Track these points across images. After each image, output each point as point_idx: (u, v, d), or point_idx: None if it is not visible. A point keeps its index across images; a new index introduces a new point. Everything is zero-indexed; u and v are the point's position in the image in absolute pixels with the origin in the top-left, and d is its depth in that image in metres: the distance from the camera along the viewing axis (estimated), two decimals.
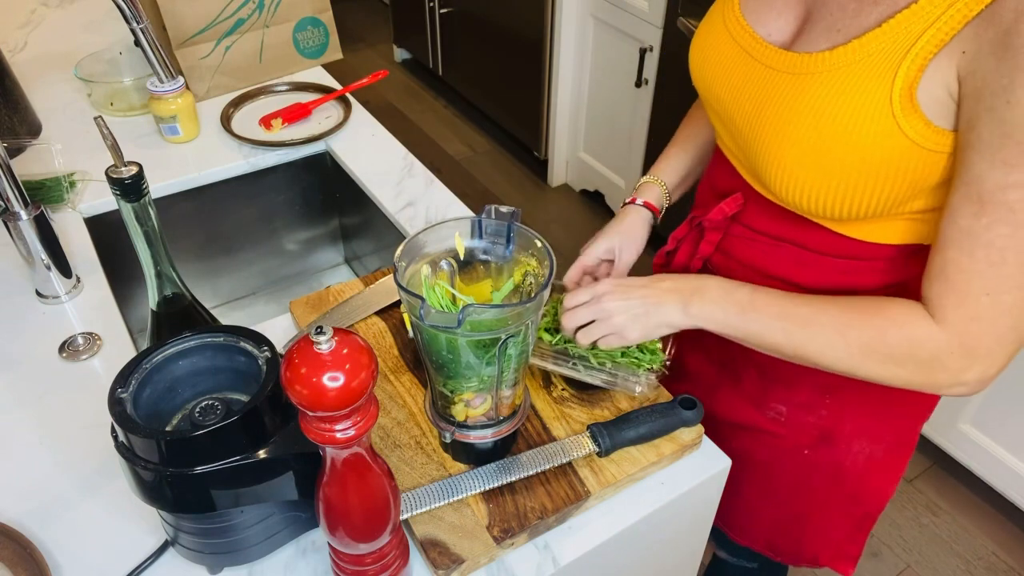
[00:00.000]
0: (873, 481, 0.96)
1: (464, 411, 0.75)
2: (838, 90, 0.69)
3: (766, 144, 0.75)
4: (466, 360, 0.69)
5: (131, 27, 1.17)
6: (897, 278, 0.81)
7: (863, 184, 0.71)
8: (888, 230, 0.77)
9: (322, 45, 1.51)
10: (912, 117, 0.66)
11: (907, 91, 0.66)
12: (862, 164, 0.69)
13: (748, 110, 0.77)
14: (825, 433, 0.91)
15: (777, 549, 1.05)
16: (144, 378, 0.66)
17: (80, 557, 0.73)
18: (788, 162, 0.73)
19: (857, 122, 0.68)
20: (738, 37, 0.79)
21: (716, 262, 0.91)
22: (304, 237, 1.45)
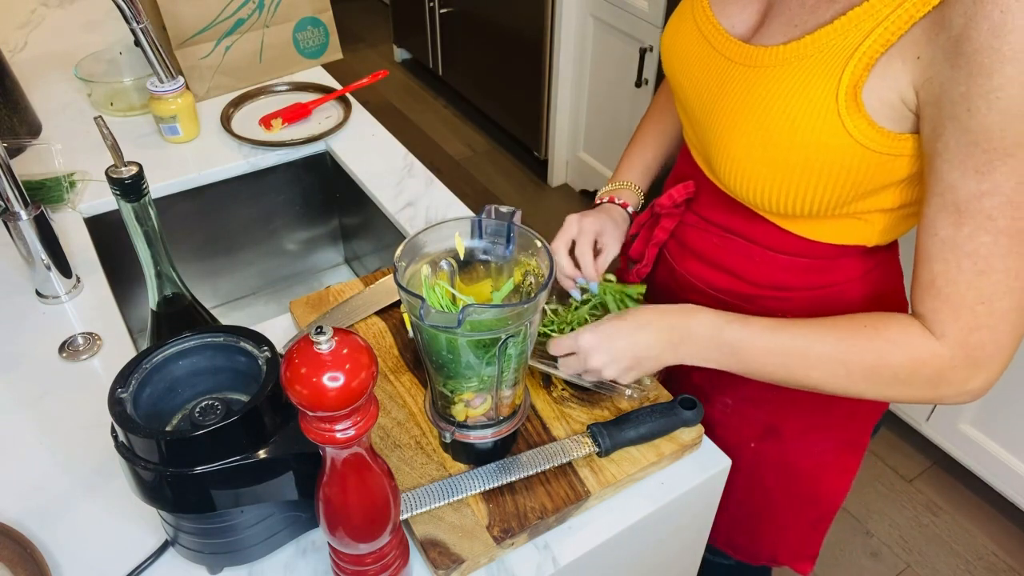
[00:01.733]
0: (825, 481, 0.97)
1: (464, 411, 0.75)
2: (787, 85, 0.69)
3: (719, 134, 0.76)
4: (466, 360, 0.69)
5: (131, 27, 1.17)
6: (841, 278, 0.82)
7: (807, 181, 0.71)
8: (834, 230, 0.78)
9: (322, 45, 1.51)
10: (856, 116, 0.66)
11: (852, 90, 0.66)
12: (806, 161, 0.70)
13: (705, 100, 0.78)
14: (770, 427, 0.92)
15: (736, 546, 1.06)
16: (144, 378, 0.66)
17: (80, 557, 0.73)
18: (737, 154, 0.74)
19: (803, 118, 0.68)
20: (703, 28, 0.80)
21: (670, 250, 0.93)
22: (304, 237, 1.45)
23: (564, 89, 2.62)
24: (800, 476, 0.96)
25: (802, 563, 1.05)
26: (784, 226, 0.80)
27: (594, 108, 2.59)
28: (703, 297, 0.90)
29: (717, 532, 1.04)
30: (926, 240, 0.67)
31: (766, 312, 0.79)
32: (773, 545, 1.04)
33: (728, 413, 0.94)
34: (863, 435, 0.96)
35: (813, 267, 0.82)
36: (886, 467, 1.97)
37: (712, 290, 0.89)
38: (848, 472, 0.98)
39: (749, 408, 0.93)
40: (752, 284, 0.86)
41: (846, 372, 0.71)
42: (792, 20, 0.72)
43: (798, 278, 0.83)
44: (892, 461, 1.98)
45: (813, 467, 0.95)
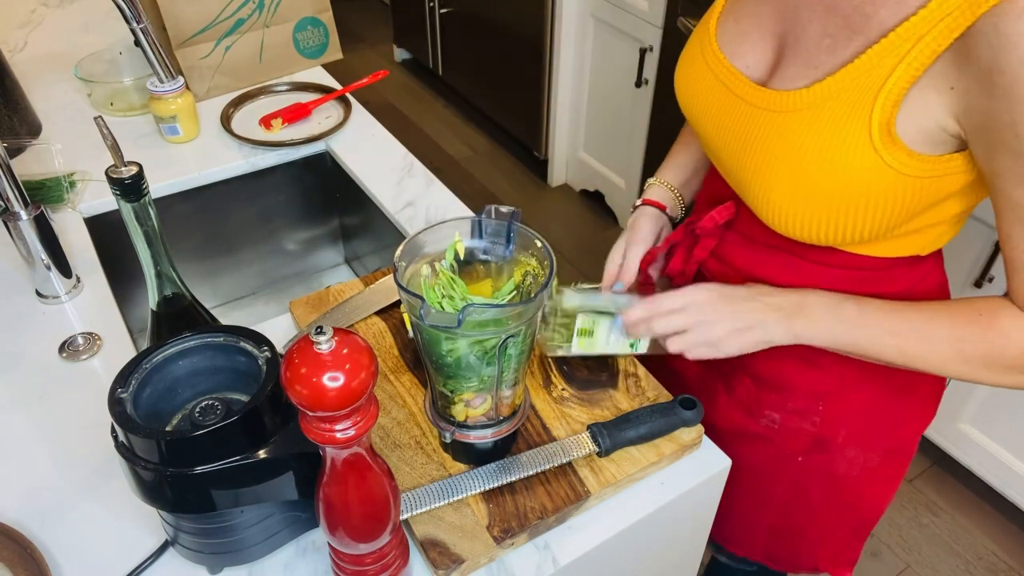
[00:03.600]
0: (870, 489, 0.96)
1: (464, 411, 0.75)
2: (818, 127, 0.69)
3: (753, 179, 0.75)
4: (466, 360, 0.69)
5: (131, 27, 1.17)
6: (893, 289, 0.81)
7: (853, 214, 0.71)
8: (884, 247, 0.78)
9: (322, 45, 1.51)
10: (893, 149, 0.66)
11: (885, 125, 0.66)
12: (849, 197, 0.70)
13: (733, 146, 0.77)
14: (818, 440, 0.91)
15: (776, 558, 1.04)
16: (144, 378, 0.66)
17: (80, 557, 0.73)
18: (775, 197, 0.74)
19: (839, 157, 0.68)
20: (716, 71, 0.79)
21: (711, 267, 0.91)
22: (304, 237, 1.45)
23: (564, 89, 2.62)
24: (846, 486, 0.95)
25: (842, 569, 1.04)
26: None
27: (594, 108, 2.59)
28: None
29: (754, 546, 1.04)
30: (1011, 253, 0.69)
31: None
32: (813, 553, 1.03)
33: (775, 430, 0.92)
34: (911, 443, 0.95)
35: (863, 279, 0.81)
36: None
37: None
38: (894, 479, 0.97)
39: (797, 421, 0.91)
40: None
41: (962, 360, 0.72)
42: (811, 61, 0.71)
43: (847, 288, 0.81)
44: None
45: (859, 476, 0.94)
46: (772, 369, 0.85)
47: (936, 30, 0.62)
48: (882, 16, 0.65)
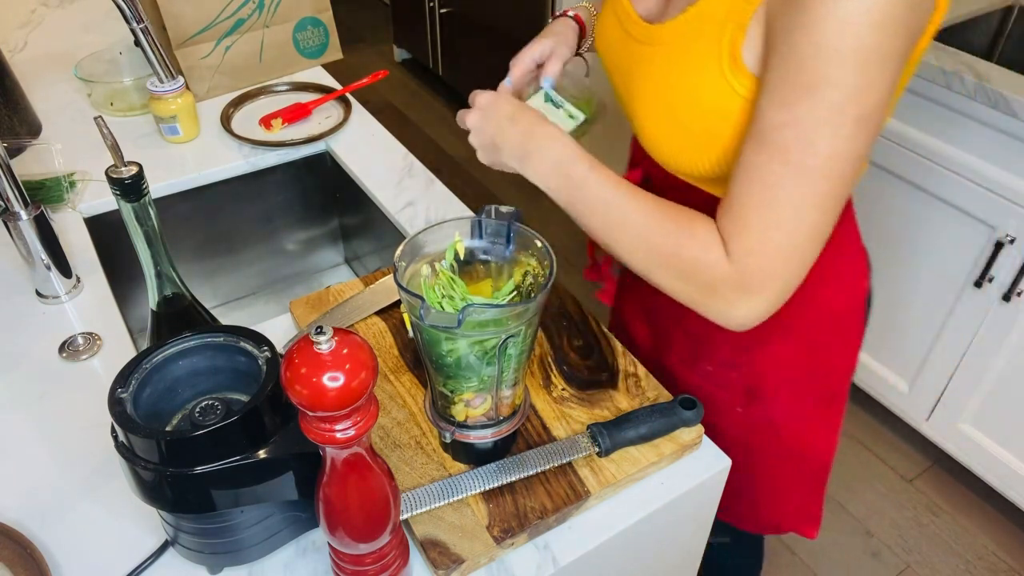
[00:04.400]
0: (811, 438, 1.00)
1: (464, 411, 0.75)
2: (676, 58, 0.74)
3: (636, 111, 0.81)
4: (466, 360, 0.69)
5: (131, 27, 1.17)
6: None
7: (713, 143, 0.74)
8: None
9: (322, 45, 1.51)
10: (741, 76, 0.69)
11: (732, 52, 0.69)
12: (706, 125, 0.73)
13: (623, 79, 0.83)
14: (751, 389, 0.94)
15: (739, 516, 1.08)
16: (144, 378, 0.66)
17: (80, 557, 0.73)
18: (649, 126, 0.79)
19: (696, 87, 0.72)
20: (619, 15, 0.84)
21: None
22: (304, 237, 1.45)
23: None
24: (787, 436, 0.98)
25: (806, 526, 1.07)
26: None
27: None
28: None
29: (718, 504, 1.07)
30: (736, 163, 0.70)
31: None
32: (773, 511, 1.07)
33: (710, 380, 0.96)
34: (841, 387, 0.99)
35: None
36: (886, 467, 1.97)
37: None
38: (833, 427, 1.01)
39: (728, 372, 0.95)
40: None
41: (646, 249, 0.74)
42: None
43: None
44: (892, 461, 1.98)
45: (798, 425, 0.98)
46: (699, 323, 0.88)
47: None
48: None
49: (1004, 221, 1.54)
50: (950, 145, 1.59)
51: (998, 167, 1.53)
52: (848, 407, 2.11)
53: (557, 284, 0.98)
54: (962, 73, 1.50)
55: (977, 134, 1.54)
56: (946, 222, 1.65)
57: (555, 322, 0.97)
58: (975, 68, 1.51)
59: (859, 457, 1.99)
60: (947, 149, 1.60)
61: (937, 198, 1.64)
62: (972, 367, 1.70)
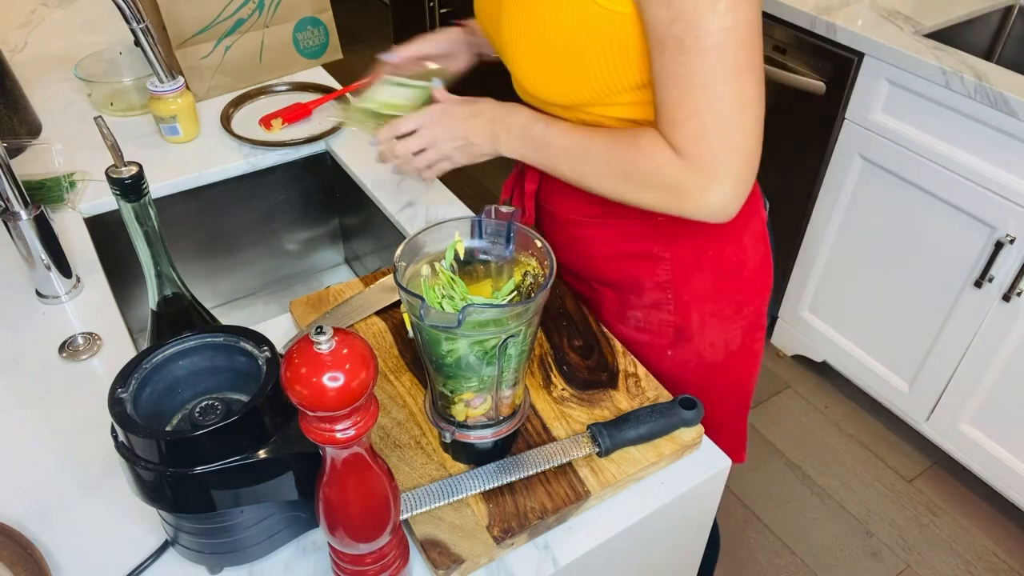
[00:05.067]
0: (738, 368, 1.05)
1: (464, 411, 0.75)
2: None
3: (507, 46, 0.85)
4: (466, 360, 0.69)
5: (131, 27, 1.17)
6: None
7: (586, 62, 0.79)
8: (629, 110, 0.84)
9: (322, 45, 1.51)
10: None
11: None
12: (575, 42, 0.77)
13: (494, 20, 0.87)
14: (678, 328, 0.99)
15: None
16: (144, 378, 0.66)
17: (80, 557, 0.73)
18: (522, 55, 0.83)
19: (561, 5, 0.77)
20: None
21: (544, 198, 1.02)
22: (304, 237, 1.45)
23: None
24: (716, 369, 1.03)
25: (737, 452, 1.13)
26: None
27: None
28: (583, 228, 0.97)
29: None
30: (652, 75, 0.76)
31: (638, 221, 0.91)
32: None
33: (641, 329, 0.99)
34: (760, 317, 1.04)
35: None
36: (886, 467, 1.97)
37: (587, 218, 0.96)
38: (756, 355, 1.07)
39: (656, 315, 0.98)
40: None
41: (611, 174, 0.81)
42: None
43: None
44: (892, 461, 1.98)
45: (724, 356, 1.02)
46: (620, 272, 0.96)
47: None
48: None
49: (1004, 221, 1.54)
50: (950, 145, 1.59)
51: (998, 167, 1.53)
52: (848, 407, 2.12)
53: (557, 284, 0.98)
54: (962, 73, 1.50)
55: (977, 134, 1.54)
56: (946, 222, 1.65)
57: (555, 322, 0.97)
58: (975, 68, 1.51)
59: (859, 457, 1.99)
60: (947, 149, 1.60)
61: (937, 198, 1.64)
62: (972, 367, 1.70)
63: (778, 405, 2.12)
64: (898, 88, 1.64)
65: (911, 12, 1.73)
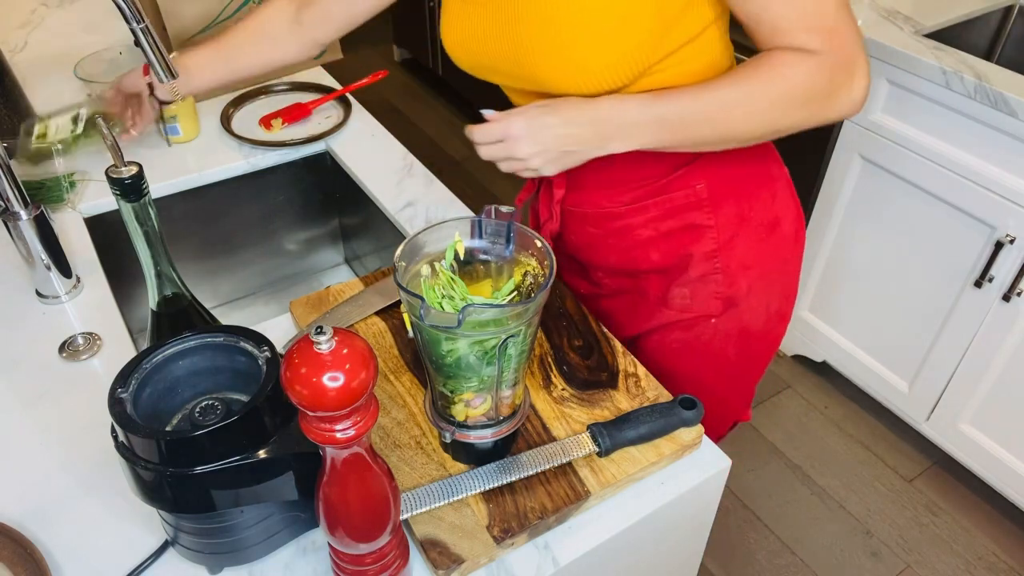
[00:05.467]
0: (771, 333, 1.05)
1: (464, 411, 0.75)
2: None
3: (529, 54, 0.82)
4: (466, 360, 0.69)
5: (131, 27, 1.17)
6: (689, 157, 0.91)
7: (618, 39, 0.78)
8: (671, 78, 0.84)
9: None
10: None
11: None
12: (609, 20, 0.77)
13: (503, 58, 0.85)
14: (727, 297, 0.98)
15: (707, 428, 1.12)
16: (144, 378, 0.66)
17: (80, 557, 0.73)
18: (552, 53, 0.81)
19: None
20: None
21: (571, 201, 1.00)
22: (304, 237, 1.45)
23: None
24: (753, 336, 1.03)
25: (746, 412, 1.15)
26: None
27: None
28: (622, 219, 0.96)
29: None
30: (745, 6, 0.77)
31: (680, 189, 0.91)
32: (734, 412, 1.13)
33: (688, 305, 0.99)
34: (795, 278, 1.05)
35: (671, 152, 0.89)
36: (886, 467, 1.97)
37: (626, 205, 0.95)
38: (786, 318, 1.06)
39: (705, 287, 0.97)
40: (653, 172, 0.92)
41: (761, 112, 0.79)
42: None
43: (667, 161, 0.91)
44: (892, 461, 1.98)
45: (765, 324, 1.02)
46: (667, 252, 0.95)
47: None
48: None
49: (1004, 221, 1.54)
50: (950, 145, 1.59)
51: (998, 167, 1.53)
52: (848, 407, 2.12)
53: (557, 284, 0.98)
54: (962, 73, 1.50)
55: (977, 134, 1.54)
56: (946, 222, 1.65)
57: (555, 322, 0.97)
58: (975, 68, 1.51)
59: (859, 457, 1.99)
60: (947, 149, 1.60)
61: (937, 198, 1.64)
62: (972, 367, 1.70)
63: (778, 405, 2.12)
64: (898, 88, 1.64)
65: (911, 12, 1.73)
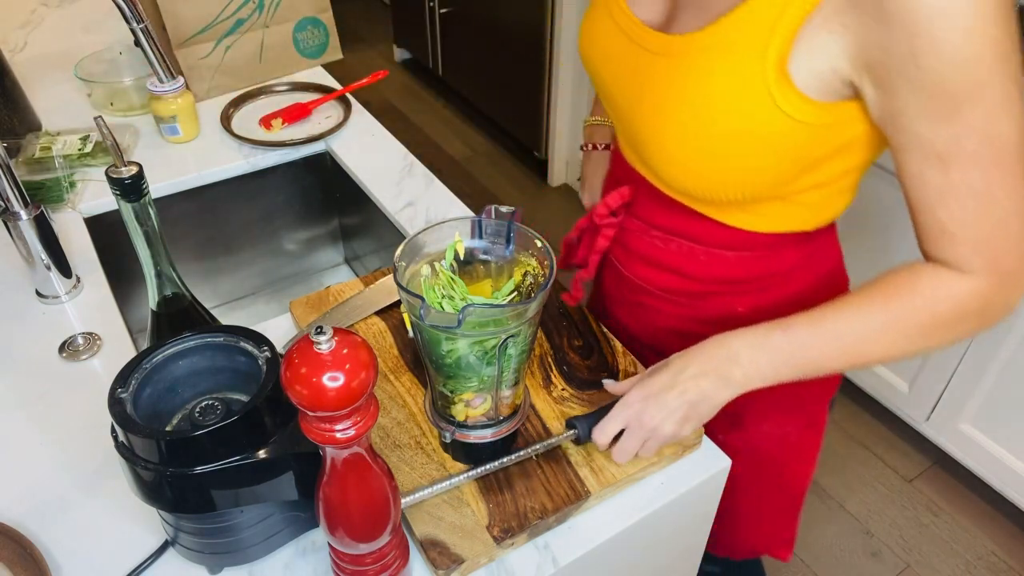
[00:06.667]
0: (791, 465, 1.00)
1: (464, 411, 0.75)
2: (710, 70, 0.69)
3: (649, 129, 0.76)
4: (466, 360, 0.69)
5: (131, 27, 1.17)
6: (783, 267, 0.84)
7: (744, 164, 0.71)
8: (772, 217, 0.79)
9: (322, 45, 1.51)
10: (787, 91, 0.66)
11: (779, 65, 0.66)
12: (741, 144, 0.70)
13: (630, 95, 0.78)
14: (736, 416, 0.92)
15: (715, 542, 1.05)
16: (144, 378, 0.66)
17: (80, 557, 0.73)
18: (670, 146, 0.74)
19: (732, 102, 0.68)
20: (619, 21, 0.79)
21: (616, 254, 0.94)
22: (304, 237, 1.45)
23: (564, 89, 2.61)
24: (767, 462, 0.98)
25: (780, 549, 1.08)
26: (723, 219, 0.81)
27: None
28: (652, 298, 0.92)
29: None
30: (919, 193, 0.68)
31: (717, 308, 0.83)
32: (749, 535, 1.07)
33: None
34: (821, 415, 0.98)
35: (756, 259, 0.84)
36: (886, 467, 1.97)
37: (660, 291, 0.91)
38: (812, 452, 1.00)
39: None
40: (699, 281, 0.87)
41: (904, 338, 0.72)
42: (703, 5, 0.71)
43: (742, 271, 0.85)
44: (892, 461, 1.98)
45: (778, 451, 0.98)
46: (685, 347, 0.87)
47: None
48: None
49: None
50: None
51: None
52: (848, 407, 2.12)
53: (557, 284, 0.98)
54: None
55: None
56: None
57: (555, 322, 0.97)
58: None
59: (859, 457, 1.99)
60: None
61: None
62: (972, 367, 1.70)
63: None
64: None
65: None
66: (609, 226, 0.91)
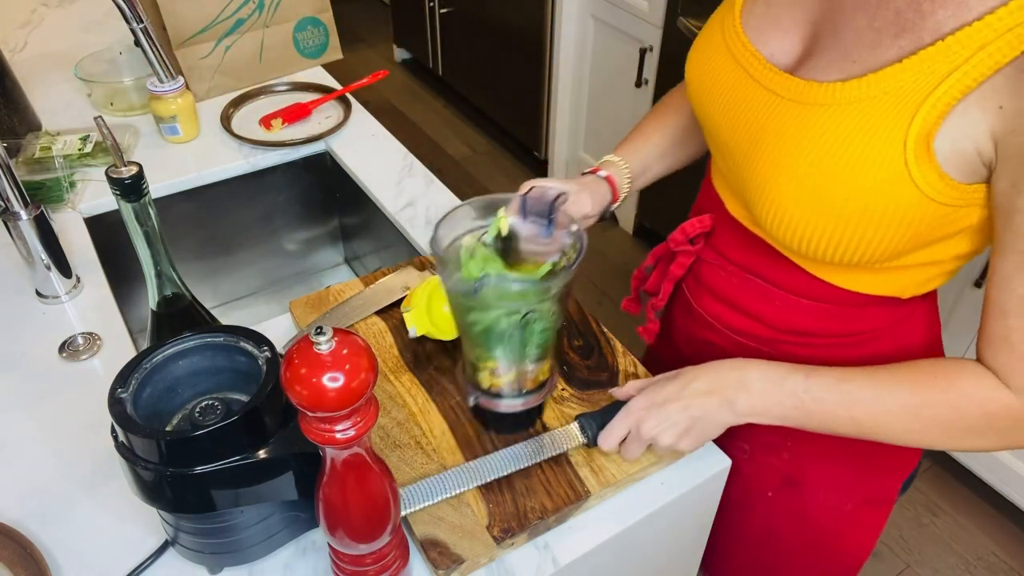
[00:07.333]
0: (846, 536, 0.92)
1: (489, 379, 0.77)
2: (848, 127, 0.63)
3: (761, 175, 0.70)
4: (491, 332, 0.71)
5: (131, 27, 1.17)
6: (867, 327, 0.79)
7: (862, 231, 0.66)
8: (869, 280, 0.74)
9: (322, 45, 1.51)
10: (926, 166, 0.61)
11: (924, 138, 0.60)
12: (864, 211, 0.65)
13: (744, 136, 0.72)
14: (788, 478, 0.88)
15: None
16: (144, 378, 0.66)
17: (80, 557, 0.73)
18: (783, 198, 0.68)
19: (865, 165, 0.63)
20: (738, 55, 0.73)
21: (688, 285, 0.90)
22: (304, 237, 1.45)
23: (564, 89, 2.62)
24: (818, 530, 0.91)
25: None
26: (815, 272, 0.75)
27: (594, 108, 2.59)
28: (719, 337, 0.87)
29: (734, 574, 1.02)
30: (1001, 295, 0.63)
31: (786, 358, 0.75)
32: None
33: (746, 460, 0.89)
34: (890, 491, 0.91)
35: (838, 314, 0.78)
36: None
37: (729, 330, 0.85)
38: (872, 530, 0.93)
39: (767, 456, 0.89)
40: (771, 328, 0.82)
41: (920, 427, 0.68)
42: (848, 55, 0.65)
43: (821, 325, 0.79)
44: None
45: (833, 522, 0.90)
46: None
47: (1002, 40, 0.57)
48: (940, 17, 0.60)
49: None
50: None
51: None
52: None
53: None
54: None
55: None
56: None
57: None
58: None
59: None
60: None
61: None
62: None
63: None
64: None
65: None
66: (685, 253, 0.86)
